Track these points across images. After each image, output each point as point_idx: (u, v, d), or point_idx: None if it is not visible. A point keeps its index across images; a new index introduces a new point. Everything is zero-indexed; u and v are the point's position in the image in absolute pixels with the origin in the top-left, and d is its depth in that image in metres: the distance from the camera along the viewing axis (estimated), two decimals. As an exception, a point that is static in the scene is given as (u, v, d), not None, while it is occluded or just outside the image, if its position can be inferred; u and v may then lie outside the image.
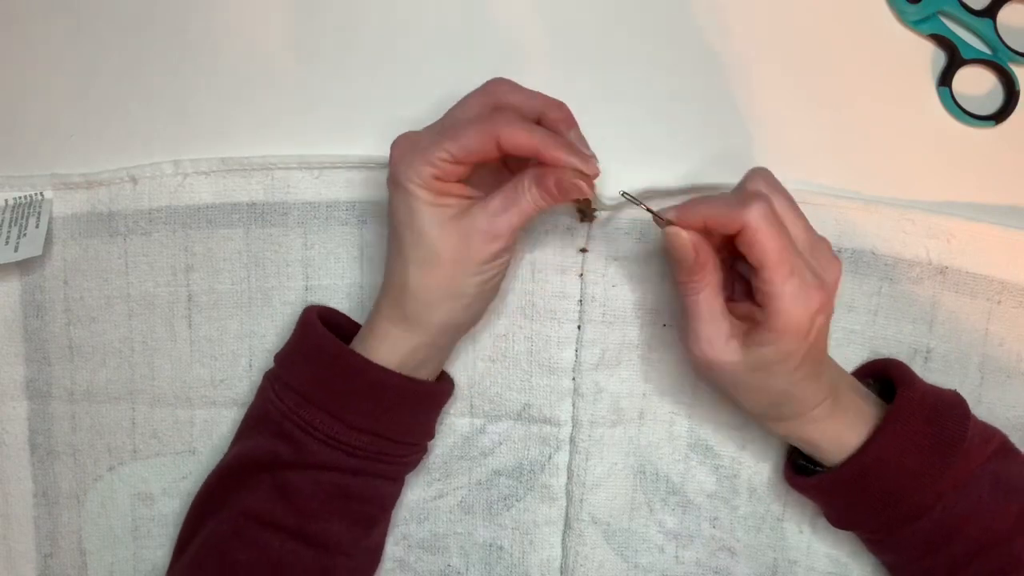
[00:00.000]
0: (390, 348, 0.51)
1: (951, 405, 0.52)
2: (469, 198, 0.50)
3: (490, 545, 0.60)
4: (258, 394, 0.55)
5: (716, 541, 0.60)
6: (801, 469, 0.56)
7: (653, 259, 0.57)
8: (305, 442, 0.51)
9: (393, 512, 0.58)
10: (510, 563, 0.60)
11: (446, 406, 0.58)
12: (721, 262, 0.50)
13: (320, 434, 0.51)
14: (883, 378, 0.56)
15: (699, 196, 0.49)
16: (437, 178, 0.48)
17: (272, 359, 0.55)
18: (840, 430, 0.52)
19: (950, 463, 0.50)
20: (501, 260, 0.50)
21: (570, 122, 0.50)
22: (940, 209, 0.58)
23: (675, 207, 0.48)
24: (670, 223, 0.48)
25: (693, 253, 0.48)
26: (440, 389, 0.56)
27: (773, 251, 0.45)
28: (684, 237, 0.47)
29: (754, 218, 0.45)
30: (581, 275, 0.57)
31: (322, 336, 0.52)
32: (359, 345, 0.52)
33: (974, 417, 0.52)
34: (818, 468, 0.54)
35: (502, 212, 0.49)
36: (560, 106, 0.51)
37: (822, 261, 0.48)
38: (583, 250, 0.57)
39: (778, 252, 0.46)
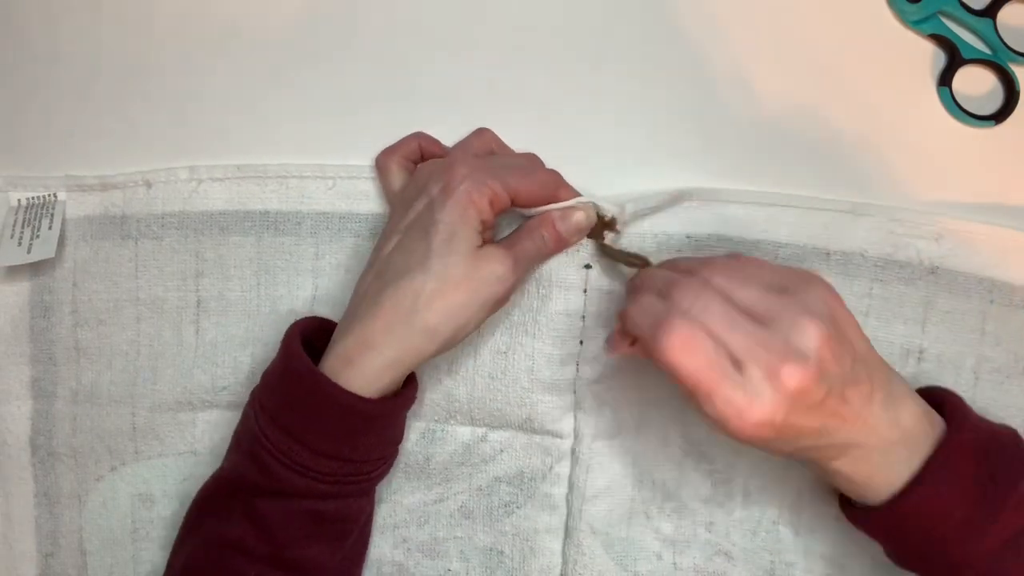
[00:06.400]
0: (360, 369, 0.49)
1: (1003, 446, 0.47)
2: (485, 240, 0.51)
3: (490, 550, 0.59)
4: (244, 408, 0.54)
5: (712, 546, 0.59)
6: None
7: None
8: (273, 467, 0.49)
9: (377, 509, 0.58)
10: (510, 568, 0.59)
11: (417, 410, 0.58)
12: None
13: (288, 460, 0.49)
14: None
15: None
16: (491, 202, 0.50)
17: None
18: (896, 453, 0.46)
19: (999, 515, 0.45)
20: (498, 304, 0.51)
21: None
22: (931, 209, 0.57)
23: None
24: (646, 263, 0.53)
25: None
26: (404, 400, 0.53)
27: (689, 377, 0.43)
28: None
29: (664, 349, 0.43)
30: (585, 291, 0.56)
31: (294, 356, 0.50)
32: (328, 366, 0.50)
33: None
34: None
35: (516, 250, 0.51)
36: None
37: (785, 325, 0.43)
38: (587, 266, 0.56)
39: (693, 376, 0.42)
